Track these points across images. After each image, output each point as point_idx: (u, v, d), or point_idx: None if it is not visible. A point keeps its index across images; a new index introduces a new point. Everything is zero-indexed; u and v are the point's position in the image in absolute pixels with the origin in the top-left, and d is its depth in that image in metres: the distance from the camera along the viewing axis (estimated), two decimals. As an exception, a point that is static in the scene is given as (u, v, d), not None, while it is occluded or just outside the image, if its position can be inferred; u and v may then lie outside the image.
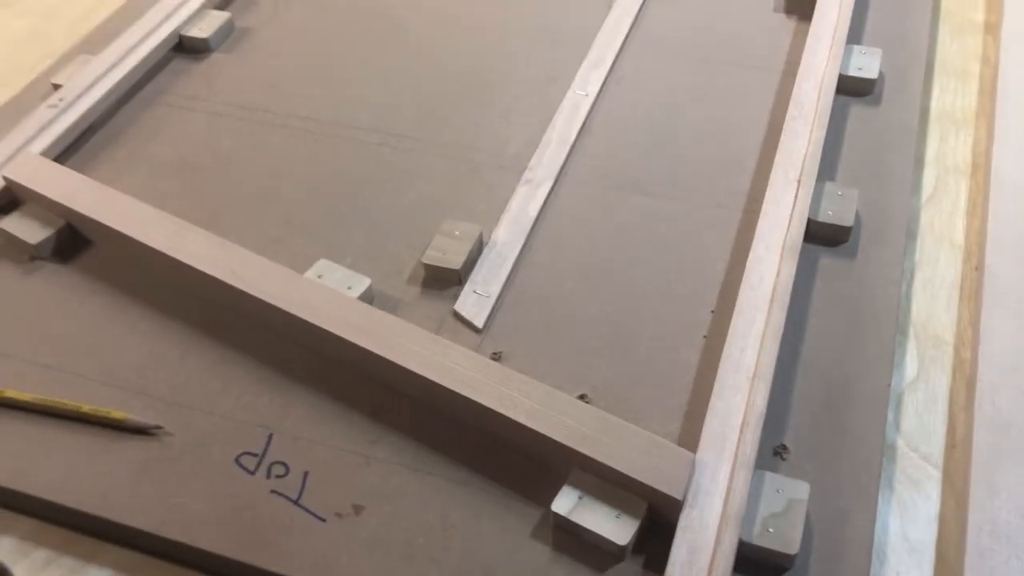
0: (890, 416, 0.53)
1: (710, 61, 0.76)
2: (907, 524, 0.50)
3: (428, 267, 0.60)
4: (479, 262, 0.61)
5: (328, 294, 0.56)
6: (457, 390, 0.51)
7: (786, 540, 0.46)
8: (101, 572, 0.49)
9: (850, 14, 0.75)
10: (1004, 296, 0.57)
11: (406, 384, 0.53)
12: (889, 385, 0.53)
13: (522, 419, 0.49)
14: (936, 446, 0.53)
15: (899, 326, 0.57)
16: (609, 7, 0.82)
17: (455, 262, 0.60)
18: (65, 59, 0.81)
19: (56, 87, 0.76)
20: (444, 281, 0.60)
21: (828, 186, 0.63)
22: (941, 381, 0.56)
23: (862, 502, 0.48)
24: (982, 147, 0.69)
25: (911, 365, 0.57)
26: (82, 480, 0.51)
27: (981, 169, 0.67)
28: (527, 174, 0.67)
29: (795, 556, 0.45)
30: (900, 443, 0.53)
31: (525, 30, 0.81)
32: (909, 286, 0.61)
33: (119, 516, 0.50)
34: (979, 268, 0.60)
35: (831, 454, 0.50)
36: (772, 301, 0.54)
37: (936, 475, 0.52)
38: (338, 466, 0.51)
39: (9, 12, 0.91)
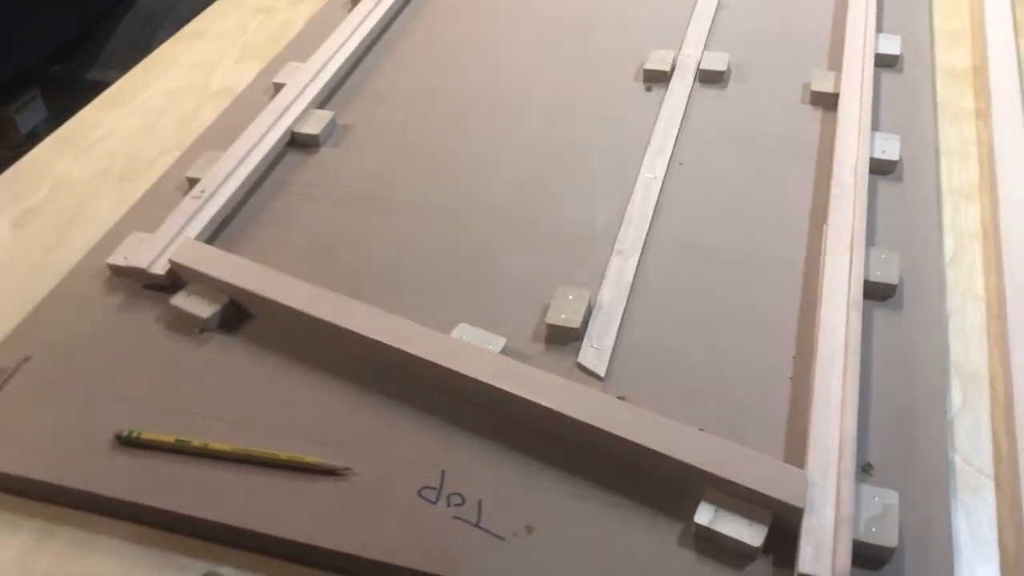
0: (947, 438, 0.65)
1: (752, 147, 0.90)
2: (972, 524, 0.61)
3: (551, 327, 0.72)
4: (591, 321, 0.73)
5: (476, 351, 0.68)
6: (601, 426, 0.62)
7: (887, 536, 0.57)
8: (318, 589, 0.59)
9: (871, 108, 0.89)
10: (1020, 336, 0.70)
11: (552, 423, 0.64)
12: (945, 413, 0.66)
13: (662, 449, 0.60)
14: (986, 460, 0.65)
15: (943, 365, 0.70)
16: (660, 103, 0.95)
17: (575, 321, 0.71)
18: (189, 155, 0.92)
19: (192, 180, 0.87)
20: (565, 338, 0.72)
21: (872, 250, 0.76)
22: (983, 409, 0.68)
23: (937, 507, 0.60)
24: (988, 215, 0.83)
25: (956, 397, 0.69)
26: (290, 514, 0.61)
27: (990, 234, 0.81)
28: (617, 246, 0.79)
29: (894, 549, 0.57)
30: (958, 460, 0.65)
31: (595, 121, 0.94)
32: (945, 333, 0.73)
33: (327, 543, 0.59)
34: (1000, 316, 0.73)
35: (907, 470, 0.62)
36: (847, 346, 0.67)
37: (989, 484, 0.63)
38: (506, 494, 0.62)
39: (121, 112, 1.02)
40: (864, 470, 0.62)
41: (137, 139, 0.98)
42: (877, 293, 0.74)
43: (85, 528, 0.63)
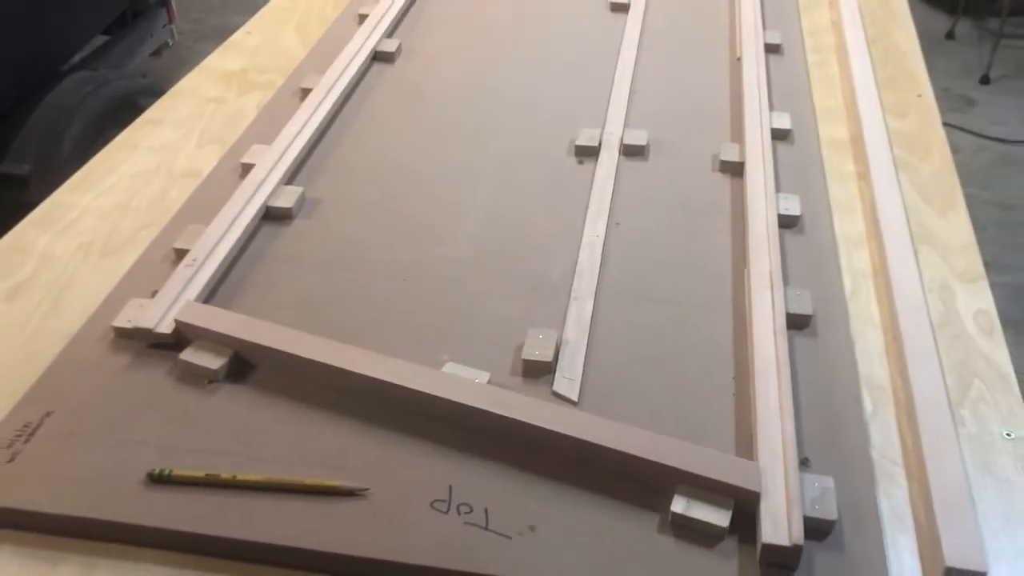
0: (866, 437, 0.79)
1: (676, 209, 1.04)
2: (891, 503, 0.74)
3: (527, 362, 0.82)
4: (560, 356, 0.84)
5: (468, 383, 0.78)
6: (587, 439, 0.72)
7: (828, 511, 0.69)
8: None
9: (773, 173, 1.05)
10: (913, 352, 0.85)
11: (540, 440, 0.74)
12: (862, 416, 0.79)
13: (640, 453, 0.71)
14: (896, 453, 0.78)
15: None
16: (592, 173, 1.09)
17: (547, 356, 0.82)
18: (169, 230, 0.99)
19: (180, 251, 0.94)
20: (539, 372, 0.83)
21: (788, 289, 0.90)
22: (889, 412, 0.82)
23: (864, 490, 0.73)
24: (876, 257, 0.99)
25: (868, 404, 0.83)
26: (318, 530, 0.69)
27: (879, 272, 0.96)
28: (573, 293, 0.91)
29: (835, 522, 0.69)
30: (874, 453, 0.78)
31: (539, 189, 1.07)
32: (853, 353, 0.87)
33: (357, 551, 0.67)
34: (895, 338, 0.88)
35: (836, 462, 0.75)
36: (779, 364, 0.80)
37: (901, 471, 0.77)
38: (508, 501, 0.71)
39: (92, 194, 1.09)
40: (803, 463, 0.75)
41: (113, 218, 1.05)
42: (795, 323, 0.87)
43: (125, 558, 0.69)
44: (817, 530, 0.69)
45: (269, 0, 1.55)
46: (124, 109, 2.42)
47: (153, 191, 1.09)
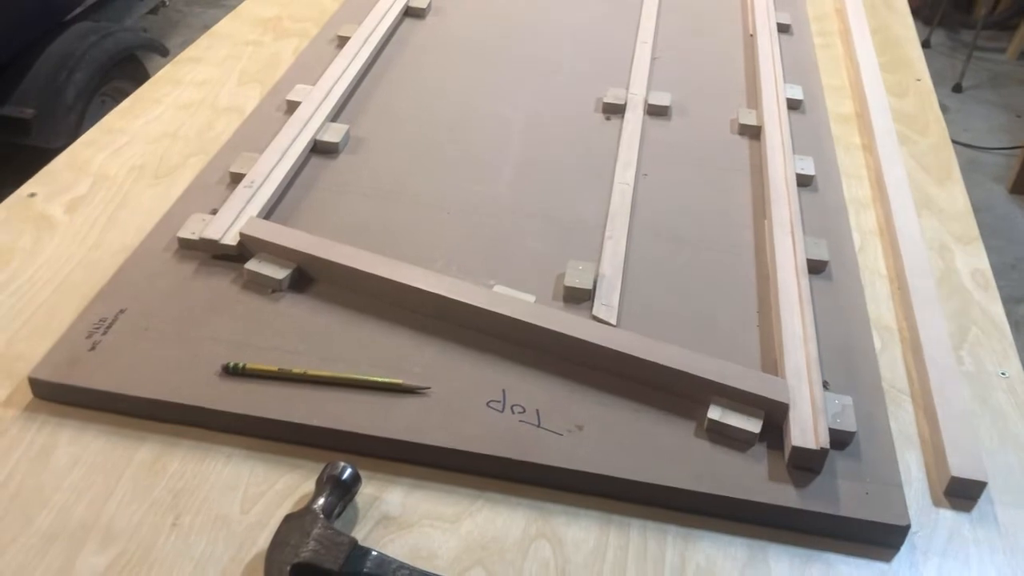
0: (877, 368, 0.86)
1: (699, 165, 1.11)
2: (899, 424, 0.82)
3: (569, 288, 0.89)
4: (598, 286, 0.90)
5: (519, 301, 0.84)
6: (637, 354, 0.79)
7: (848, 423, 0.76)
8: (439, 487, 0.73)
9: (789, 136, 1.12)
10: (918, 300, 0.93)
11: (584, 355, 0.81)
12: (873, 350, 0.87)
13: (682, 367, 0.78)
14: (903, 384, 0.86)
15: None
16: (619, 129, 1.16)
17: (587, 284, 0.89)
18: (221, 158, 1.04)
19: (235, 175, 0.99)
20: (579, 298, 0.89)
21: (806, 237, 0.97)
22: (897, 349, 0.90)
23: (876, 410, 0.80)
24: (882, 219, 1.07)
25: (878, 341, 0.90)
26: (385, 420, 0.74)
27: (885, 232, 1.04)
28: (607, 233, 0.97)
29: (854, 434, 0.76)
30: (884, 384, 0.86)
31: (570, 142, 1.13)
32: (863, 298, 0.95)
33: (423, 439, 0.73)
34: (901, 288, 0.96)
35: (852, 386, 0.82)
36: (801, 299, 0.87)
37: (908, 399, 0.84)
38: (558, 404, 0.78)
39: (140, 121, 1.13)
40: (824, 384, 0.82)
41: (163, 144, 1.09)
42: (813, 268, 0.95)
43: (204, 440, 0.75)
44: (838, 441, 0.76)
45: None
46: (126, 61, 2.45)
47: (199, 122, 1.14)
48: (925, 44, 3.83)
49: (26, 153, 2.16)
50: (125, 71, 2.45)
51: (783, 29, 1.41)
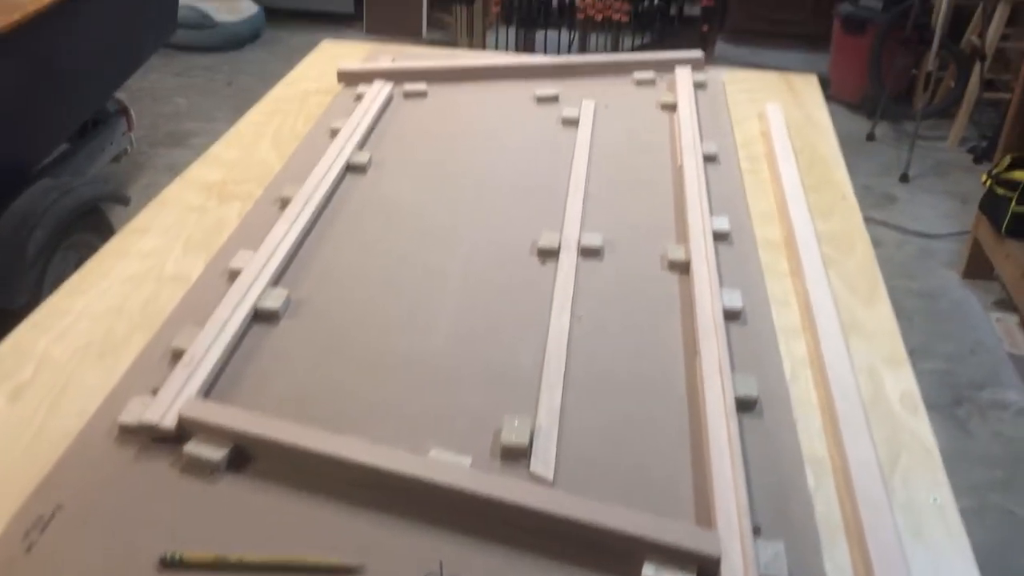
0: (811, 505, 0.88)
1: (631, 304, 1.14)
2: (834, 563, 0.83)
3: (506, 447, 0.91)
4: (535, 441, 0.92)
5: (452, 467, 0.85)
6: (572, 516, 0.80)
7: (780, 571, 0.78)
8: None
9: (716, 270, 1.16)
10: (848, 430, 0.95)
11: (522, 517, 0.82)
12: (807, 487, 0.89)
13: (616, 526, 0.79)
14: (837, 518, 0.87)
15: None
16: (554, 272, 1.19)
17: (524, 439, 0.91)
18: (164, 332, 1.06)
19: (177, 351, 1.01)
20: (516, 456, 0.91)
21: (735, 374, 1.00)
22: (829, 483, 0.91)
23: (810, 553, 0.82)
24: (812, 347, 1.10)
25: (811, 477, 0.92)
26: (323, 605, 0.75)
27: (815, 360, 1.07)
28: (543, 382, 1.00)
29: (787, 581, 0.78)
30: (819, 519, 0.87)
31: (506, 287, 1.17)
32: (795, 432, 0.97)
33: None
34: (832, 419, 0.98)
35: (787, 527, 0.84)
36: (730, 442, 0.89)
37: (842, 535, 0.86)
38: (496, 572, 0.78)
39: (86, 298, 1.16)
40: (755, 531, 0.83)
41: (107, 321, 1.12)
42: (743, 406, 0.97)
43: (141, 638, 0.75)
44: (771, 589, 0.78)
45: (245, 116, 1.65)
46: (89, 215, 2.49)
47: (144, 295, 1.16)
48: (870, 137, 3.96)
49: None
50: (88, 223, 2.49)
51: (710, 159, 1.47)
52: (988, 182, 2.85)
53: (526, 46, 3.63)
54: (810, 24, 4.81)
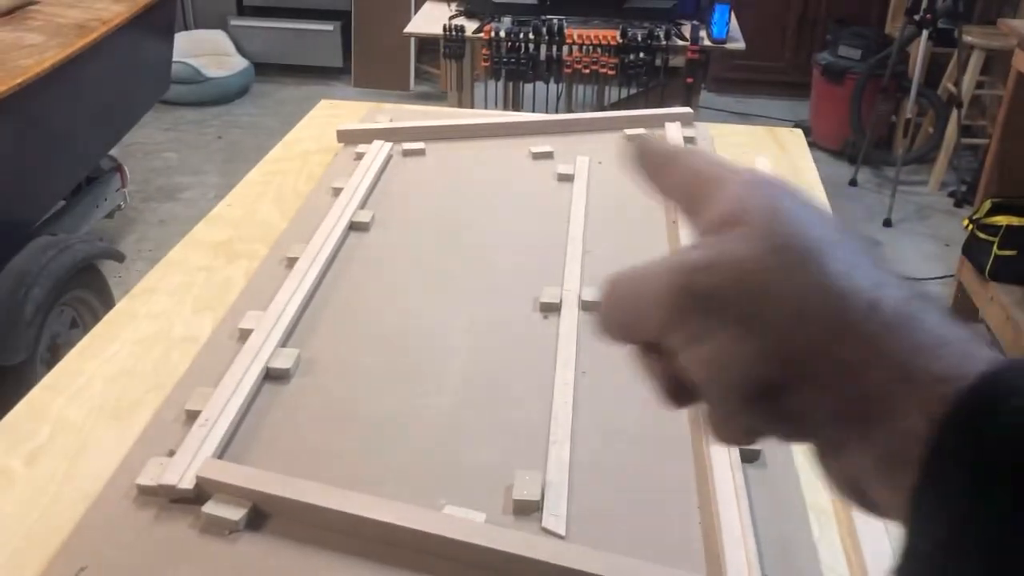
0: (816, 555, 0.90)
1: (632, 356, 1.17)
2: (843, 612, 0.85)
3: (518, 502, 0.93)
4: (546, 495, 0.94)
5: (467, 523, 0.87)
6: (585, 570, 0.82)
7: (791, 621, 0.80)
8: None
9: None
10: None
11: (537, 571, 0.84)
12: (811, 537, 0.91)
13: (626, 577, 0.81)
14: (843, 568, 0.90)
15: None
16: (557, 327, 1.22)
17: (536, 494, 0.93)
18: (178, 393, 1.08)
19: (191, 412, 1.03)
20: (529, 510, 0.93)
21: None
22: (834, 533, 0.94)
23: (819, 601, 0.84)
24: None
25: (815, 527, 0.95)
26: (346, 663, 0.77)
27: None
28: (551, 436, 1.02)
29: (798, 631, 0.80)
30: (824, 569, 0.89)
31: (511, 342, 1.19)
32: (799, 482, 1.00)
33: None
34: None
35: (793, 578, 0.86)
36: (737, 495, 0.92)
37: (849, 584, 0.88)
38: (513, 628, 0.80)
39: (97, 360, 1.18)
40: (765, 582, 0.86)
41: (120, 382, 1.14)
42: (747, 457, 1.00)
43: None
44: (783, 641, 0.80)
45: (246, 175, 1.69)
46: (84, 272, 2.51)
47: (155, 356, 1.19)
48: (852, 183, 4.04)
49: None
50: (83, 280, 2.51)
51: (704, 212, 1.51)
52: (970, 227, 2.92)
53: (514, 99, 3.70)
54: (791, 73, 4.93)
